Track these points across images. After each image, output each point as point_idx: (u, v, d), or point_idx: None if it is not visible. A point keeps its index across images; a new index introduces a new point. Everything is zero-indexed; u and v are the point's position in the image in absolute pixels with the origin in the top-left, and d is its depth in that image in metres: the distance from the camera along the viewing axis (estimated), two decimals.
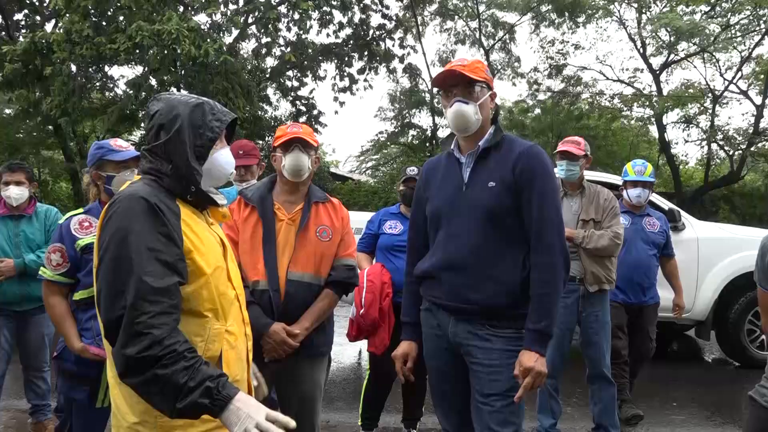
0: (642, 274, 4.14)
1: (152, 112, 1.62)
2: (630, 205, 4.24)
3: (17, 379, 4.25)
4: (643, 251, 4.14)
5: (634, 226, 4.16)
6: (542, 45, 16.51)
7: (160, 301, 1.41)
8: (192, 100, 1.65)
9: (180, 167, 1.59)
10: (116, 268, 1.43)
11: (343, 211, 2.65)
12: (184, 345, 1.41)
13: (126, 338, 1.39)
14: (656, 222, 4.28)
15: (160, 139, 1.60)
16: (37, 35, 10.23)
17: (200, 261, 1.55)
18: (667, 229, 4.37)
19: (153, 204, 1.49)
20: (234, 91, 10.40)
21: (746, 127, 14.12)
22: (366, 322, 3.38)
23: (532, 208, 2.13)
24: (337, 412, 4.46)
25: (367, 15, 13.86)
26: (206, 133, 1.62)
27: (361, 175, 20.21)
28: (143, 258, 1.43)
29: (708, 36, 12.94)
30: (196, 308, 1.55)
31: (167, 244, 1.47)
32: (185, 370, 1.37)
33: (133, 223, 1.45)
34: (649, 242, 4.18)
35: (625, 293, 4.14)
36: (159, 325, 1.39)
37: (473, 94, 2.20)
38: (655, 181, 4.29)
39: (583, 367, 3.76)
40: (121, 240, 1.44)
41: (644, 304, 4.19)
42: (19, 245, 3.66)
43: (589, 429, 3.89)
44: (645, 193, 4.21)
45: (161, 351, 1.37)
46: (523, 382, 2.05)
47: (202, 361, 1.41)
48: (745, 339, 5.85)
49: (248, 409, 1.36)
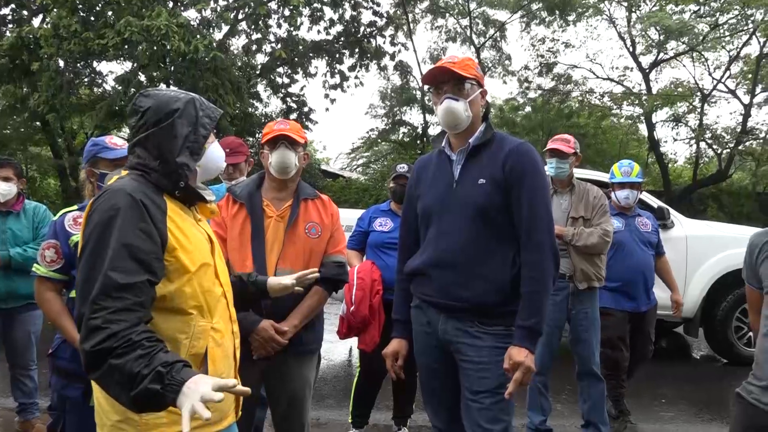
0: (646, 276, 4.08)
1: (143, 108, 1.60)
2: (619, 207, 4.16)
3: (4, 378, 4.21)
4: (642, 253, 4.08)
5: (629, 228, 4.10)
6: (533, 43, 16.58)
7: (124, 297, 1.38)
8: (182, 95, 1.65)
9: (169, 162, 1.58)
10: (92, 262, 1.42)
11: (333, 207, 2.64)
12: (143, 334, 1.36)
13: (85, 332, 1.37)
14: (647, 221, 4.22)
15: (149, 135, 1.58)
16: (24, 30, 10.13)
17: (184, 258, 1.54)
18: (657, 226, 4.34)
19: (137, 199, 1.47)
20: (224, 88, 10.35)
21: (734, 125, 14.25)
22: (356, 320, 3.38)
23: (522, 206, 2.13)
24: (328, 409, 4.45)
25: (358, 12, 13.83)
26: (200, 130, 1.63)
27: (351, 172, 20.19)
28: (116, 254, 1.41)
29: (697, 35, 13.05)
30: (180, 306, 1.54)
31: (145, 240, 1.45)
32: (140, 358, 1.32)
33: (114, 218, 1.44)
34: (646, 242, 4.13)
35: (633, 300, 4.06)
36: (118, 320, 1.36)
37: (463, 91, 2.19)
38: (643, 180, 4.22)
39: (572, 364, 3.78)
40: (100, 234, 1.43)
41: (649, 307, 4.16)
42: (5, 242, 3.62)
43: (578, 426, 3.91)
44: (633, 194, 4.13)
45: (116, 342, 1.33)
46: (513, 377, 2.05)
47: (159, 348, 1.35)
48: (732, 336, 5.89)
49: (196, 386, 1.27)
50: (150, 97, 1.63)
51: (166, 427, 1.49)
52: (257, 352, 2.37)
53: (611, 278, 3.89)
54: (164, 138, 1.58)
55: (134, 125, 1.62)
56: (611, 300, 4.00)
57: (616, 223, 3.95)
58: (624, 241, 4.01)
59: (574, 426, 4.12)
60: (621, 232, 4.00)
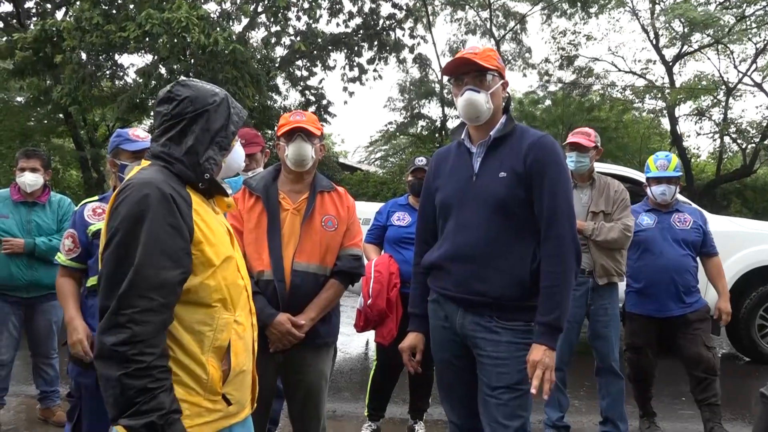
0: (674, 278, 3.66)
1: (180, 97, 1.60)
2: (655, 203, 3.84)
3: (26, 366, 4.29)
4: (672, 252, 3.68)
5: (660, 225, 3.75)
6: (554, 35, 16.42)
7: (153, 298, 1.39)
8: (218, 90, 1.67)
9: (198, 154, 1.59)
10: (121, 255, 1.42)
11: (349, 200, 2.62)
12: (159, 360, 1.40)
13: (107, 325, 1.38)
14: (687, 217, 3.79)
15: (183, 123, 1.59)
16: (47, 23, 10.26)
17: (209, 252, 1.54)
18: (704, 224, 3.84)
19: (167, 193, 1.47)
20: (243, 80, 10.39)
21: (760, 120, 13.99)
22: (373, 313, 3.37)
23: (543, 199, 2.09)
24: (344, 402, 4.46)
25: (377, 4, 13.80)
26: (230, 127, 1.66)
27: (370, 165, 20.21)
28: (147, 249, 1.41)
29: (722, 27, 12.78)
30: (204, 299, 1.54)
31: (174, 236, 1.45)
32: (145, 392, 1.36)
33: (145, 212, 1.43)
34: (680, 241, 3.71)
35: (656, 303, 3.70)
36: (142, 321, 1.37)
37: (485, 82, 2.16)
38: (680, 174, 3.83)
39: (591, 360, 3.74)
40: (131, 228, 1.42)
41: (683, 314, 3.69)
42: (30, 232, 3.67)
43: (596, 422, 3.87)
44: (670, 190, 3.76)
45: (135, 355, 1.36)
46: (533, 375, 2.02)
47: (165, 387, 1.40)
48: (756, 334, 5.79)
49: None
50: (189, 87, 1.63)
51: (189, 420, 1.49)
52: (274, 345, 2.37)
53: (636, 279, 3.76)
54: (198, 129, 1.59)
55: (166, 113, 1.61)
56: (635, 302, 3.78)
57: (647, 220, 3.75)
58: (652, 239, 3.72)
59: (592, 422, 4.08)
60: (650, 230, 3.74)
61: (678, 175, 3.80)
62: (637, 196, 4.32)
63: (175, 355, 1.48)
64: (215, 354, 1.55)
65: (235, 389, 1.62)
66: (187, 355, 1.50)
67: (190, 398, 1.50)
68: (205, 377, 1.52)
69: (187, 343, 1.50)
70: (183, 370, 1.49)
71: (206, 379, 1.53)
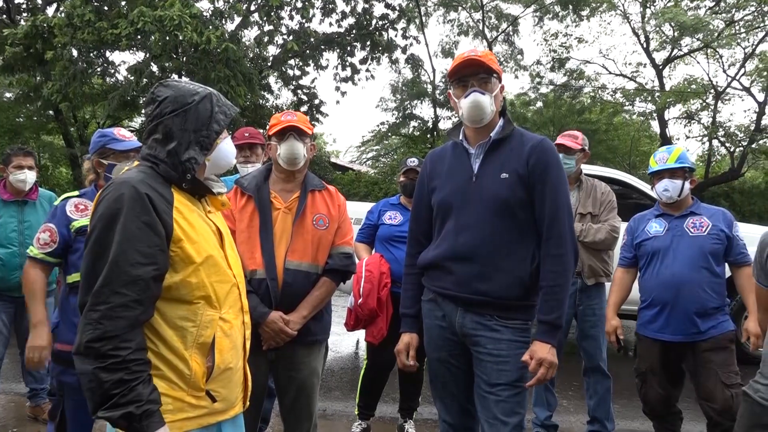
0: (682, 296, 3.03)
1: (160, 97, 1.62)
2: (664, 205, 3.25)
3: (16, 364, 4.27)
4: (682, 265, 3.05)
5: (672, 232, 3.14)
6: (545, 38, 16.48)
7: (125, 294, 1.42)
8: (200, 89, 1.67)
9: (179, 154, 1.60)
10: (97, 252, 1.46)
11: (340, 198, 2.65)
12: (135, 354, 1.43)
13: (83, 322, 1.42)
14: (705, 221, 3.12)
15: (162, 124, 1.60)
16: (38, 19, 10.20)
17: (190, 249, 1.56)
18: (728, 227, 3.11)
19: (142, 192, 1.49)
20: (235, 79, 10.37)
21: (748, 123, 14.10)
22: (364, 312, 3.39)
23: (545, 201, 2.13)
24: (334, 401, 4.48)
25: (370, 4, 13.80)
26: (212, 125, 1.65)
27: (361, 165, 20.20)
28: (122, 246, 1.44)
29: (712, 32, 12.90)
30: (186, 296, 1.56)
31: (148, 233, 1.47)
32: (121, 384, 1.39)
33: (120, 210, 1.46)
34: (696, 249, 3.06)
35: (660, 324, 3.11)
36: (115, 317, 1.41)
37: (489, 84, 2.20)
38: (687, 166, 3.17)
39: (579, 360, 3.78)
40: (106, 225, 1.46)
41: (699, 339, 3.04)
42: (24, 232, 3.66)
43: (584, 422, 3.91)
44: (674, 185, 3.14)
45: (109, 350, 1.39)
46: (537, 374, 2.06)
47: (142, 379, 1.43)
48: (740, 335, 5.84)
49: None
50: (169, 87, 1.65)
51: (171, 414, 1.51)
52: (267, 343, 2.39)
53: (642, 295, 3.26)
54: (176, 129, 1.60)
55: (150, 114, 1.64)
56: (641, 321, 3.25)
57: (656, 227, 3.19)
58: (660, 249, 3.13)
59: (580, 422, 4.12)
60: (659, 238, 3.15)
61: (682, 166, 3.15)
62: (623, 199, 4.25)
63: (158, 350, 1.51)
64: (199, 350, 1.57)
65: (221, 386, 1.63)
66: (170, 350, 1.53)
67: (173, 393, 1.52)
68: (188, 373, 1.55)
69: (170, 339, 1.53)
70: (166, 365, 1.52)
71: (189, 375, 1.55)
